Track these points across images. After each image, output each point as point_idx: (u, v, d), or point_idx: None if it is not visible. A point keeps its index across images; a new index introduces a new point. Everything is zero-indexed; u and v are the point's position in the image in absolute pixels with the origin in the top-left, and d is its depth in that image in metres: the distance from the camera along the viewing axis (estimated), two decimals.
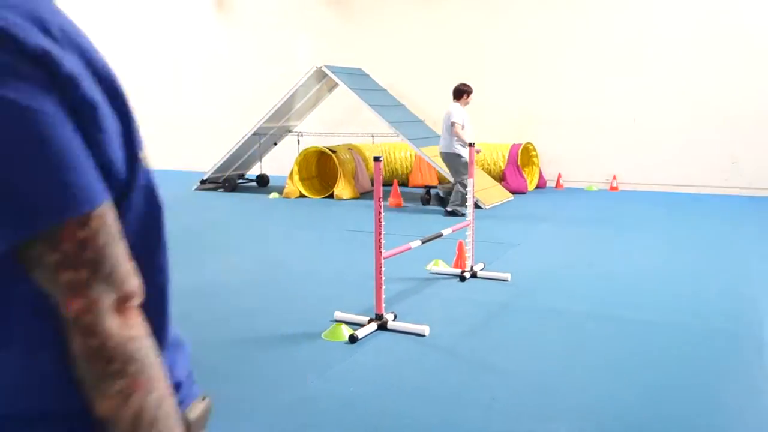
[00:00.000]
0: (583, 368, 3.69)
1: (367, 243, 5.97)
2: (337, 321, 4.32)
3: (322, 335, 4.16)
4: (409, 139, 9.36)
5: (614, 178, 10.79)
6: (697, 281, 5.36)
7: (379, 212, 4.17)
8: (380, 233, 4.18)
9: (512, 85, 11.32)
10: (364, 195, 10.16)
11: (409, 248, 4.66)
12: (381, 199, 4.19)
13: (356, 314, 4.43)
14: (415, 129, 9.91)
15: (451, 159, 8.36)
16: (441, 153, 8.46)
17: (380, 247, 4.20)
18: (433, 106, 11.73)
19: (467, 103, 8.53)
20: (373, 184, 10.57)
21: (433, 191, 9.44)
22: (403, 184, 11.08)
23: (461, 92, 8.49)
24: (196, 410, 0.99)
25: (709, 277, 5.51)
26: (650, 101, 10.47)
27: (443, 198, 9.11)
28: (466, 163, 6.87)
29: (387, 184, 10.54)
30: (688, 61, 10.18)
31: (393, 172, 11.20)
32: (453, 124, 8.17)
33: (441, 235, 5.06)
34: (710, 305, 4.76)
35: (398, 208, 9.18)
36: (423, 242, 4.83)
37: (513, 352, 3.94)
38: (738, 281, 5.36)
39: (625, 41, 10.51)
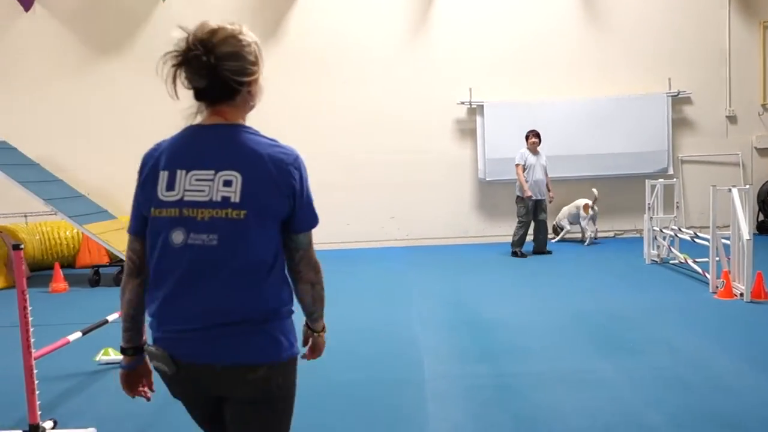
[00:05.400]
0: None
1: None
2: None
3: None
4: (69, 217, 8.52)
5: None
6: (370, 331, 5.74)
7: (24, 307, 3.63)
8: (28, 330, 3.64)
9: None
10: None
11: (68, 342, 4.14)
12: (25, 292, 3.64)
13: (6, 430, 3.76)
14: (76, 205, 9.04)
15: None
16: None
17: (29, 347, 3.65)
18: (96, 179, 10.97)
19: (533, 144, 9.52)
20: (33, 269, 9.45)
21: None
22: (70, 265, 10.04)
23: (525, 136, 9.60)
24: None
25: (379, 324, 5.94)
26: (312, 166, 11.10)
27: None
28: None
29: (48, 267, 9.44)
30: (340, 127, 11.13)
31: (58, 253, 10.06)
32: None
33: (106, 321, 4.61)
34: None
35: (63, 293, 8.28)
36: (84, 333, 4.33)
37: None
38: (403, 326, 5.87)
39: (294, 113, 11.08)
